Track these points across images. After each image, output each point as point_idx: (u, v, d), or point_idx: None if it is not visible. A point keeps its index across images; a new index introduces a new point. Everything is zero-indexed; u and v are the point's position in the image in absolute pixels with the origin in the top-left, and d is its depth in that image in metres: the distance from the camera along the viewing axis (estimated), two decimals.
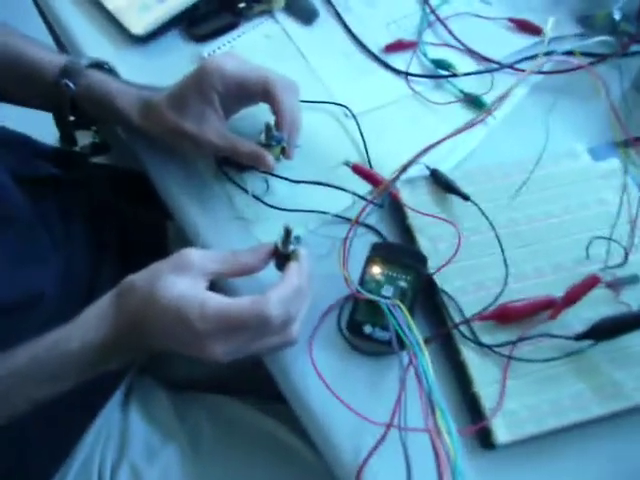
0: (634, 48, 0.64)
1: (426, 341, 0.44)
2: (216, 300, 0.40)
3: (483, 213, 0.50)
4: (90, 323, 0.43)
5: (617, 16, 0.64)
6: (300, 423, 0.47)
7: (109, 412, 0.59)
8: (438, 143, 0.49)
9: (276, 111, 0.50)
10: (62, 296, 0.55)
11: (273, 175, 0.54)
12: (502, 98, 0.50)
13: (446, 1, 0.68)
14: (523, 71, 0.61)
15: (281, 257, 0.45)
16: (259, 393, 0.61)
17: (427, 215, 0.50)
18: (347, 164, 0.51)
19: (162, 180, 0.57)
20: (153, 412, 0.60)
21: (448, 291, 0.47)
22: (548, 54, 0.59)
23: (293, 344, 0.45)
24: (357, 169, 0.51)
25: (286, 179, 0.53)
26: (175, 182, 0.56)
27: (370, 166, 0.55)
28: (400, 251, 0.47)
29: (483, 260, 0.49)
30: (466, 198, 0.51)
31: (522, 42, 0.65)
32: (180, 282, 0.41)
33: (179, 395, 0.62)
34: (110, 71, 0.57)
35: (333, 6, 0.68)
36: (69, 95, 0.54)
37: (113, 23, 0.67)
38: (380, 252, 0.47)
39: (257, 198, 0.53)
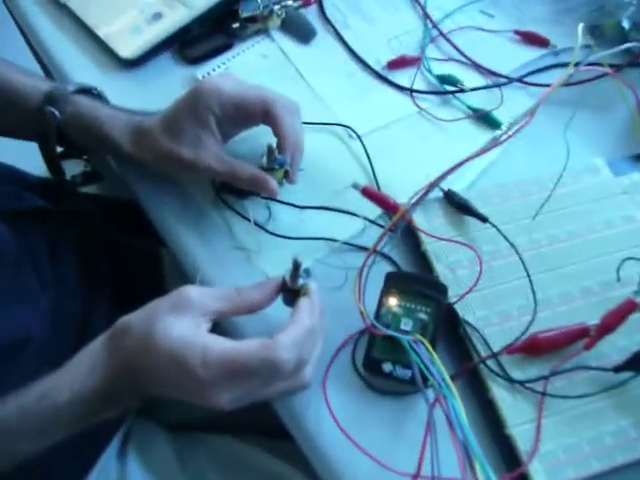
0: None
1: (451, 378, 0.41)
2: (220, 344, 0.37)
3: (503, 235, 0.47)
4: (81, 370, 0.39)
5: (626, 25, 0.62)
6: (312, 466, 0.43)
7: (105, 462, 0.54)
8: (460, 165, 0.45)
9: (277, 133, 0.47)
10: (52, 338, 0.51)
11: (276, 201, 0.50)
12: (528, 114, 0.46)
13: (448, 15, 0.65)
14: (532, 85, 0.59)
15: (290, 292, 0.41)
16: (266, 431, 0.57)
17: (444, 240, 0.46)
18: (356, 187, 0.48)
19: (157, 210, 0.53)
20: (152, 459, 0.55)
21: (471, 322, 0.44)
22: (576, 65, 0.56)
23: (305, 388, 0.41)
24: (367, 192, 0.48)
25: (290, 205, 0.50)
26: (171, 212, 0.53)
27: (378, 188, 0.52)
28: (417, 281, 0.44)
29: (507, 286, 0.46)
30: (484, 220, 0.48)
31: (529, 55, 0.62)
32: (179, 323, 0.38)
33: (180, 437, 0.58)
34: (98, 97, 0.54)
35: (331, 24, 0.65)
36: (54, 123, 0.50)
37: (101, 47, 0.64)
38: (396, 282, 0.43)
39: (259, 226, 0.49)
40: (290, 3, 0.66)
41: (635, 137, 0.56)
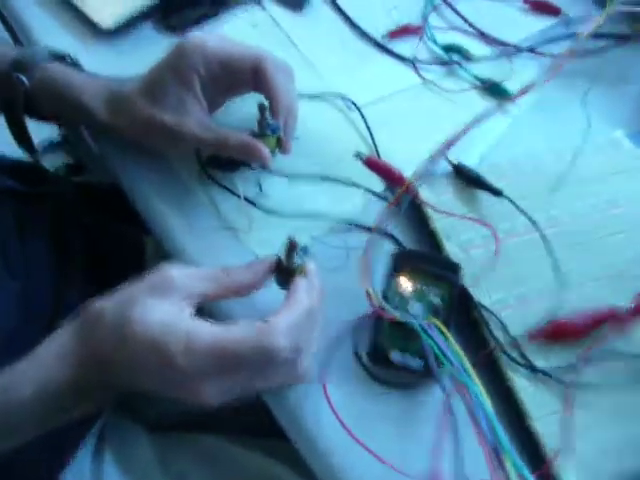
0: None
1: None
2: (206, 329, 0.32)
3: (521, 210, 0.42)
4: (46, 361, 0.34)
5: None
6: (309, 468, 0.38)
7: (79, 463, 0.49)
8: (463, 133, 0.41)
9: (269, 94, 0.42)
10: (20, 326, 0.46)
11: (268, 173, 0.45)
12: (530, 87, 0.42)
13: None
14: (543, 55, 0.55)
15: (284, 272, 0.37)
16: (257, 429, 0.51)
17: (455, 216, 0.42)
18: (359, 156, 0.43)
19: (137, 188, 0.48)
20: (131, 459, 0.50)
21: (487, 306, 0.39)
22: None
23: (303, 381, 0.36)
24: (371, 162, 0.43)
25: (284, 176, 0.45)
26: (152, 190, 0.48)
27: None
28: (427, 260, 0.39)
29: (525, 267, 0.41)
30: (498, 193, 0.43)
31: (539, 24, 0.58)
32: (159, 307, 0.33)
33: (161, 436, 0.52)
34: (72, 64, 0.49)
35: None
36: (22, 90, 0.45)
37: (78, 16, 0.59)
38: (404, 262, 0.39)
39: (250, 202, 0.45)
40: None
41: None
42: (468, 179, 0.44)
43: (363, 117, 0.50)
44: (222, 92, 0.44)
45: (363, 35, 0.57)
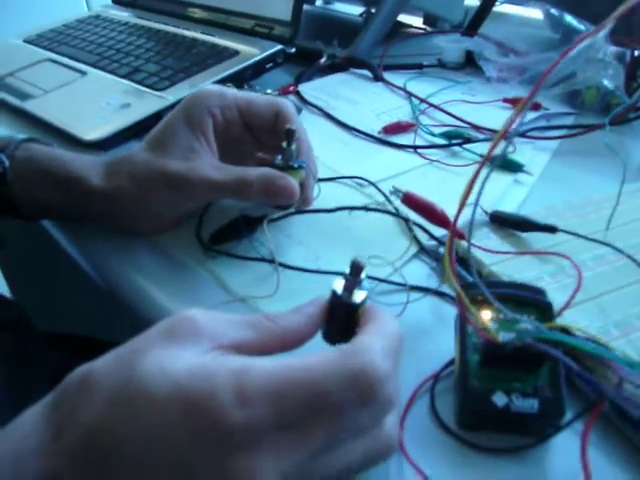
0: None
1: (577, 416, 0.28)
2: (262, 364, 0.21)
3: (594, 239, 0.37)
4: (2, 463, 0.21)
5: (605, 90, 0.62)
6: None
7: None
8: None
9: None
10: None
11: (296, 212, 0.39)
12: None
13: (430, 96, 0.64)
14: (538, 138, 0.56)
15: (343, 312, 0.26)
16: None
17: (527, 253, 0.36)
18: (396, 193, 0.39)
19: (126, 279, 0.40)
20: None
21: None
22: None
23: (392, 451, 0.25)
24: (410, 200, 0.38)
25: (319, 211, 0.39)
26: (143, 277, 0.40)
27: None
28: (504, 286, 0.32)
29: (612, 295, 0.35)
30: (553, 230, 0.39)
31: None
32: (182, 356, 0.22)
33: None
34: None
35: (315, 105, 0.62)
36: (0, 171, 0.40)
37: (62, 136, 0.56)
38: (479, 291, 0.32)
39: (280, 264, 0.37)
40: (269, 92, 0.63)
41: None
42: (512, 223, 0.40)
43: (379, 189, 0.46)
44: (233, 140, 0.40)
45: (360, 134, 0.57)
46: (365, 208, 0.41)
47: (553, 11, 0.63)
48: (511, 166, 0.51)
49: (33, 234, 0.52)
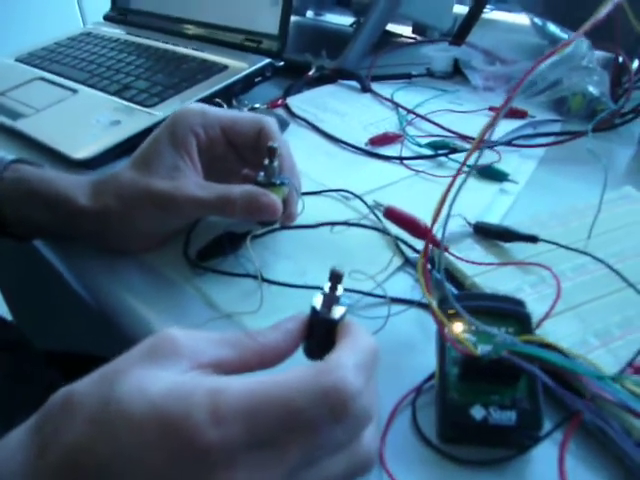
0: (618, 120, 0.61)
1: (555, 427, 0.28)
2: (237, 383, 0.22)
3: (575, 249, 0.38)
4: None
5: (591, 97, 0.63)
6: None
7: None
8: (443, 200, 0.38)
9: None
10: None
11: (281, 228, 0.40)
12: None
13: (417, 106, 0.65)
14: (524, 147, 0.57)
15: (319, 331, 0.27)
16: None
17: (508, 264, 0.37)
18: (377, 207, 0.39)
19: (114, 298, 0.41)
20: None
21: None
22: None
23: (371, 466, 0.25)
24: (391, 213, 0.39)
25: (303, 227, 0.40)
26: (132, 294, 0.40)
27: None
28: (484, 299, 0.32)
29: (591, 305, 0.35)
30: (534, 240, 0.39)
31: (510, 125, 0.60)
32: (161, 374, 0.22)
33: None
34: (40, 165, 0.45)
35: (303, 118, 0.63)
36: None
37: (52, 154, 0.57)
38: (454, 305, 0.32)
39: (264, 279, 0.38)
40: (258, 106, 0.64)
41: None
42: (495, 234, 0.40)
43: (364, 202, 0.47)
44: (217, 159, 0.41)
45: (346, 146, 0.58)
46: (347, 223, 0.42)
47: (537, 20, 0.64)
48: (496, 175, 0.51)
49: (27, 254, 0.52)
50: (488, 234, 0.41)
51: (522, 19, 0.84)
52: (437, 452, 0.29)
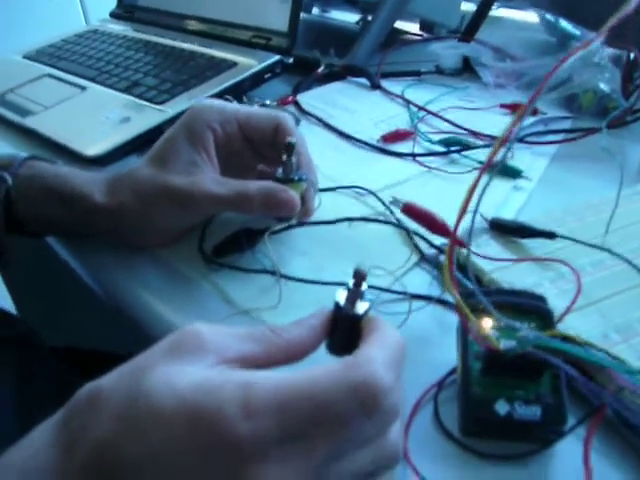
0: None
1: (579, 422, 0.28)
2: (268, 378, 0.22)
3: (593, 245, 0.37)
4: None
5: (602, 94, 0.63)
6: None
7: None
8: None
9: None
10: None
11: (297, 225, 0.39)
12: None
13: (428, 103, 0.65)
14: (536, 144, 0.57)
15: (346, 324, 0.27)
16: None
17: (526, 260, 0.37)
18: (395, 203, 0.39)
19: (129, 293, 0.41)
20: None
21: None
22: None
23: (397, 460, 0.25)
24: (410, 210, 0.39)
25: (321, 223, 0.40)
26: (148, 292, 0.40)
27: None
28: (504, 294, 0.32)
29: (612, 300, 0.35)
30: (552, 236, 0.39)
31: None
32: (188, 369, 0.22)
33: None
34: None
35: (313, 115, 0.62)
36: (4, 188, 0.40)
37: (62, 151, 0.57)
38: (478, 299, 0.32)
39: (282, 275, 0.38)
40: (268, 103, 0.64)
41: None
42: (511, 229, 0.40)
43: (379, 198, 0.47)
44: (234, 154, 0.41)
45: (358, 143, 0.58)
46: (364, 219, 0.42)
47: (548, 16, 0.64)
48: (510, 172, 0.51)
49: (37, 250, 0.52)
50: (504, 230, 0.41)
51: (530, 16, 0.84)
52: (459, 446, 0.29)
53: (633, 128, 0.60)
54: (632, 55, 0.62)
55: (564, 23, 0.64)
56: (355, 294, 0.27)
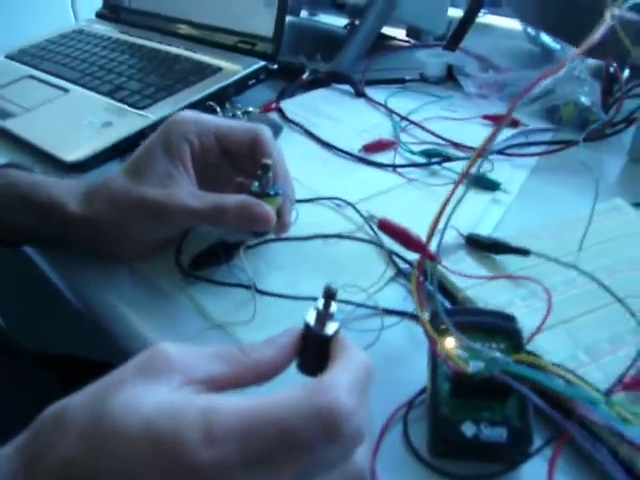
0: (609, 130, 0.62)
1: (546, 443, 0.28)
2: (230, 403, 0.22)
3: (566, 264, 0.38)
4: None
5: (582, 106, 0.63)
6: None
7: None
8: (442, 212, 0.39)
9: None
10: None
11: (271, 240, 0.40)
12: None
13: (411, 112, 0.65)
14: (515, 155, 0.57)
15: (312, 346, 0.27)
16: None
17: (499, 277, 0.37)
18: (371, 219, 0.39)
19: (105, 306, 0.41)
20: None
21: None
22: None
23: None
24: (385, 226, 0.39)
25: (293, 239, 0.40)
26: (124, 304, 0.40)
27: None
28: (473, 313, 0.33)
29: (581, 320, 0.35)
30: (526, 253, 0.39)
31: (503, 134, 0.61)
32: (153, 391, 0.22)
33: None
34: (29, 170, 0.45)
35: (296, 123, 0.62)
36: None
37: (42, 156, 0.57)
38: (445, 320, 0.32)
39: (257, 289, 0.38)
40: (251, 109, 0.63)
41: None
42: (486, 246, 0.41)
43: (357, 210, 0.47)
44: (211, 167, 0.41)
45: (340, 152, 0.58)
46: (340, 236, 0.42)
47: (530, 30, 0.64)
48: (489, 185, 0.52)
49: (15, 258, 0.52)
50: (480, 246, 0.41)
51: (515, 24, 0.85)
52: (428, 467, 0.29)
53: (612, 141, 0.61)
54: (611, 69, 0.62)
55: (545, 37, 0.64)
56: (325, 315, 0.27)
